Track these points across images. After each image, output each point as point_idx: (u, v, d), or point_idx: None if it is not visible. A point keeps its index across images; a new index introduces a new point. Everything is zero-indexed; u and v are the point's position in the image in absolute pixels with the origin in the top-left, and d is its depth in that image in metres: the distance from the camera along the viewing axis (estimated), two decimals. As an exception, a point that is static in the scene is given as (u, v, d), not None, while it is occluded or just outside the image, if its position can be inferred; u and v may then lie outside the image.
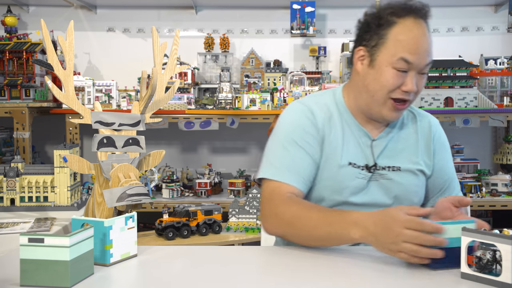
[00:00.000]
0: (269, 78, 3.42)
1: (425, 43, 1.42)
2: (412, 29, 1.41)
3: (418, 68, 1.41)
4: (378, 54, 1.44)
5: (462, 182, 3.12)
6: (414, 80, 1.41)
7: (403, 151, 1.53)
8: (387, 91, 1.43)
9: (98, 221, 1.23)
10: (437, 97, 3.11)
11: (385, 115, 1.46)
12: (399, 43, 1.41)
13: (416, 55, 1.40)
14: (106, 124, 1.53)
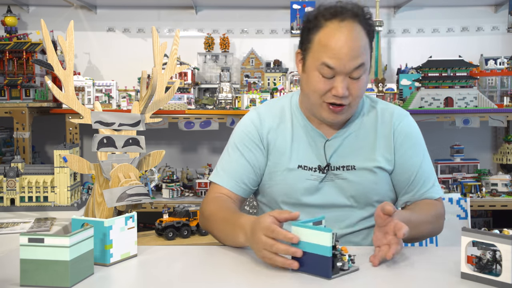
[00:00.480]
0: (269, 78, 3.43)
1: (348, 47, 1.37)
2: (335, 33, 1.38)
3: (344, 72, 1.38)
4: (307, 58, 1.45)
5: (462, 182, 3.12)
6: (343, 84, 1.39)
7: (359, 149, 1.51)
8: (318, 95, 1.43)
9: (98, 221, 1.23)
10: (437, 97, 3.11)
11: (325, 117, 1.47)
12: (321, 48, 1.39)
13: (338, 60, 1.37)
14: (106, 124, 1.53)
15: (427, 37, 3.64)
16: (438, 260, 1.27)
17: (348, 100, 1.42)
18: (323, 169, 1.50)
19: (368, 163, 1.50)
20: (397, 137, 1.53)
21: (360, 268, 1.19)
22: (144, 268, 1.22)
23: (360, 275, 1.15)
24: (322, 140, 1.52)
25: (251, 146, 1.56)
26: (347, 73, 1.39)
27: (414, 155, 1.54)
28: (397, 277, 1.15)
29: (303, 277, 1.13)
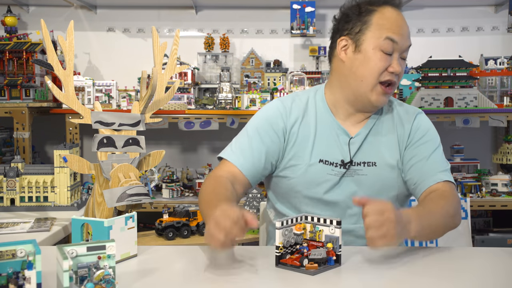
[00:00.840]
0: (269, 78, 3.42)
1: (405, 25, 1.52)
2: (392, 14, 1.52)
3: (402, 49, 1.49)
4: (363, 38, 1.50)
5: (462, 182, 3.12)
6: (398, 62, 1.49)
7: (380, 146, 1.55)
8: (377, 74, 1.48)
9: (98, 221, 1.23)
10: (437, 97, 3.11)
11: (374, 100, 1.50)
12: (383, 26, 1.49)
13: (400, 35, 1.49)
14: (106, 124, 1.53)
15: (427, 37, 3.63)
16: (437, 260, 1.27)
17: (397, 80, 1.51)
18: (345, 165, 1.52)
19: (389, 159, 1.54)
20: (413, 133, 1.57)
21: (344, 265, 1.19)
22: (144, 268, 1.22)
23: (344, 272, 1.15)
24: (346, 137, 1.55)
25: (272, 135, 1.56)
26: (402, 51, 1.50)
27: (427, 148, 1.55)
28: (385, 277, 1.15)
29: (304, 275, 1.13)
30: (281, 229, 1.17)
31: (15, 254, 0.91)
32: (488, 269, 1.22)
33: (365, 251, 1.33)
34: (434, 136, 1.59)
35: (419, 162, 1.53)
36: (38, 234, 1.75)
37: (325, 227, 1.20)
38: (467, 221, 2.98)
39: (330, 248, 1.18)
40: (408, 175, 1.54)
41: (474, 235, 3.08)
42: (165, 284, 1.12)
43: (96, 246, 0.96)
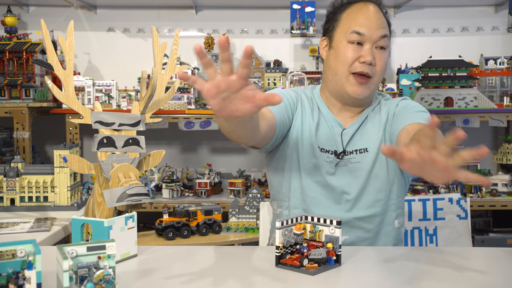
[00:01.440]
0: (269, 78, 3.42)
1: (375, 17, 1.53)
2: (362, 8, 1.55)
3: (372, 39, 1.51)
4: (334, 34, 1.57)
5: (462, 182, 3.12)
6: (371, 52, 1.51)
7: (371, 134, 1.59)
8: (347, 66, 1.52)
9: (98, 221, 1.23)
10: (437, 97, 3.11)
11: (350, 91, 1.54)
12: (350, 20, 1.54)
13: (366, 27, 1.51)
14: (106, 124, 1.53)
15: (427, 37, 3.64)
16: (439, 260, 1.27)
17: (373, 71, 1.53)
18: (338, 155, 1.57)
19: (379, 144, 1.58)
20: (398, 110, 1.59)
21: (344, 265, 1.19)
22: (144, 268, 1.22)
23: (344, 272, 1.15)
24: (340, 128, 1.60)
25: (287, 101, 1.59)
26: (374, 41, 1.52)
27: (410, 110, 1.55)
28: (386, 277, 1.15)
29: (304, 275, 1.13)
30: (281, 229, 1.17)
31: (15, 254, 0.91)
32: (488, 269, 1.22)
33: (365, 251, 1.33)
34: (419, 106, 1.59)
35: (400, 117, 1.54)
36: (38, 234, 1.75)
37: (325, 227, 1.20)
38: (467, 221, 2.98)
39: (330, 248, 1.18)
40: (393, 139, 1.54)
41: (474, 235, 3.08)
42: (165, 284, 1.12)
43: (96, 246, 0.96)
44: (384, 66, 1.55)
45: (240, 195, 3.12)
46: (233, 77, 0.92)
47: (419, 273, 1.17)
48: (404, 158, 0.88)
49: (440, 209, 2.92)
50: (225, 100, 0.94)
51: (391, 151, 0.88)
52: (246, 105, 0.95)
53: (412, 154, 0.87)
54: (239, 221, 2.58)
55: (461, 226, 2.92)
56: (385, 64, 1.56)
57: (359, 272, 1.17)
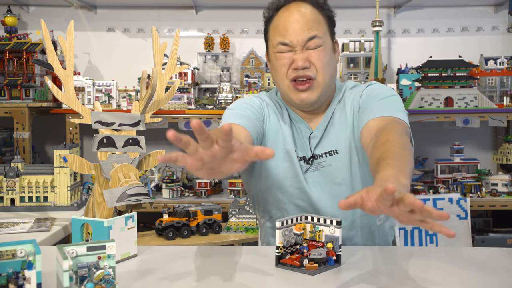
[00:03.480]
0: (269, 78, 3.42)
1: (297, 21, 1.45)
2: (283, 14, 1.47)
3: (299, 44, 1.45)
4: (268, 48, 1.54)
5: (462, 182, 3.12)
6: (301, 56, 1.44)
7: (339, 133, 1.52)
8: (284, 75, 1.47)
9: (98, 221, 1.23)
10: (437, 97, 3.11)
11: (295, 99, 1.49)
12: (275, 31, 1.49)
13: (289, 35, 1.45)
14: (106, 124, 1.53)
15: (427, 37, 3.64)
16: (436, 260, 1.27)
17: (313, 71, 1.45)
18: (307, 160, 1.52)
19: (348, 143, 1.51)
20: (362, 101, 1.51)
21: (344, 265, 1.19)
22: (144, 268, 1.22)
23: (344, 272, 1.15)
24: (307, 131, 1.54)
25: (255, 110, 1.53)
26: (302, 45, 1.45)
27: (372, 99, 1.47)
28: (384, 276, 1.15)
29: (304, 274, 1.13)
30: (281, 229, 1.17)
31: (15, 254, 0.91)
32: (488, 269, 1.22)
33: (365, 251, 1.33)
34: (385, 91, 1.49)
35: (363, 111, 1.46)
36: (38, 234, 1.76)
37: (325, 227, 1.20)
38: (467, 221, 2.98)
39: (330, 248, 1.18)
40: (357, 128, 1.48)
41: (474, 235, 3.08)
42: (165, 284, 1.12)
43: (96, 246, 0.96)
44: (325, 63, 1.46)
45: (240, 195, 3.12)
46: (215, 147, 0.85)
47: (419, 273, 1.17)
48: (364, 207, 0.90)
49: (440, 209, 2.92)
50: (212, 168, 0.90)
51: (349, 204, 0.89)
52: (236, 165, 0.90)
53: (373, 204, 0.89)
54: (239, 221, 2.58)
55: (461, 226, 2.93)
56: (326, 61, 1.46)
57: (359, 272, 1.17)
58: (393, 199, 0.87)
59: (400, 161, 1.11)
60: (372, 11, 3.36)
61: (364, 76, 3.39)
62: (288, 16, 1.46)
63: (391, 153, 1.15)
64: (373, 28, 3.26)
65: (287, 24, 1.45)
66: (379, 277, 1.14)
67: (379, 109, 1.40)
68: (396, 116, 1.37)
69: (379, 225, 1.58)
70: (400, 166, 1.08)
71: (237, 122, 1.43)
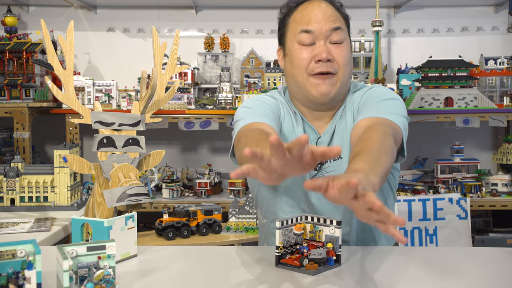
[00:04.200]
0: (269, 78, 3.42)
1: (321, 12, 1.43)
2: (306, 7, 1.45)
3: (322, 34, 1.42)
4: (286, 40, 1.49)
5: (462, 182, 3.12)
6: (325, 48, 1.41)
7: (344, 138, 1.49)
8: (304, 69, 1.43)
9: (98, 221, 1.23)
10: (437, 97, 3.11)
11: (315, 93, 1.44)
12: (297, 21, 1.45)
13: (313, 23, 1.42)
14: (106, 124, 1.53)
15: (427, 37, 3.64)
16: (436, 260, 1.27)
17: (335, 67, 1.42)
18: (315, 167, 1.48)
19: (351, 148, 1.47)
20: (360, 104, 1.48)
21: (344, 265, 1.19)
22: (144, 268, 1.22)
23: (344, 272, 1.15)
24: (315, 136, 1.52)
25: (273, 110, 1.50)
26: (326, 36, 1.42)
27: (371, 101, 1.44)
28: (385, 277, 1.15)
29: (303, 274, 1.13)
30: (281, 229, 1.17)
31: (15, 254, 0.91)
32: (488, 269, 1.22)
33: (365, 251, 1.33)
34: (384, 94, 1.46)
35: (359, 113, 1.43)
36: (38, 234, 1.76)
37: (325, 227, 1.20)
38: (467, 221, 2.97)
39: (330, 248, 1.18)
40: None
41: (474, 235, 3.08)
42: (165, 284, 1.12)
43: (96, 246, 0.96)
44: (346, 60, 1.43)
45: (240, 195, 3.12)
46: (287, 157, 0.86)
47: (418, 273, 1.17)
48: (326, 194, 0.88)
49: (440, 209, 2.92)
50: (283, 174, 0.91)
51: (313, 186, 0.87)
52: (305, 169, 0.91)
53: (334, 192, 0.87)
54: (239, 221, 2.58)
55: (461, 226, 2.93)
56: (347, 58, 1.43)
57: (359, 272, 1.17)
58: (355, 193, 0.87)
59: (375, 160, 1.11)
60: (372, 11, 3.36)
61: (364, 76, 3.39)
62: (312, 9, 1.44)
63: (370, 149, 1.16)
64: (373, 28, 3.26)
65: (311, 14, 1.43)
66: (379, 277, 1.14)
67: (373, 110, 1.38)
68: (389, 118, 1.35)
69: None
70: (374, 164, 1.09)
71: (264, 121, 1.41)
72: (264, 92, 3.18)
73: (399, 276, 1.15)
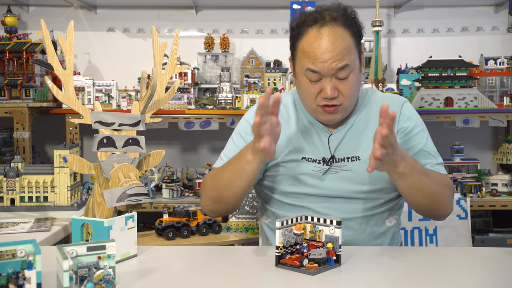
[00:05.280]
0: (269, 78, 3.42)
1: (329, 51, 1.42)
2: (315, 40, 1.43)
3: (329, 73, 1.43)
4: (295, 65, 1.53)
5: (462, 182, 3.12)
6: (331, 86, 1.43)
7: (362, 139, 1.55)
8: (311, 100, 1.49)
9: (98, 221, 1.23)
10: (437, 97, 3.11)
11: (322, 118, 1.52)
12: (304, 55, 1.46)
13: (320, 63, 1.42)
14: (106, 124, 1.53)
15: (427, 37, 3.64)
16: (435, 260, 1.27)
17: (340, 100, 1.47)
18: (327, 161, 1.53)
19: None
20: (401, 123, 1.56)
21: (344, 265, 1.19)
22: (144, 268, 1.22)
23: (344, 272, 1.15)
24: (326, 134, 1.56)
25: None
26: (332, 74, 1.44)
27: (419, 140, 1.56)
28: (384, 277, 1.15)
29: (304, 275, 1.13)
30: (281, 229, 1.17)
31: (15, 254, 0.91)
32: (488, 269, 1.22)
33: (365, 251, 1.33)
34: (423, 124, 1.60)
35: (416, 155, 1.53)
36: (38, 234, 1.76)
37: (325, 227, 1.20)
38: (467, 221, 2.97)
39: (330, 248, 1.18)
40: None
41: (474, 235, 3.08)
42: (165, 284, 1.12)
43: (96, 246, 0.96)
44: (352, 91, 1.47)
45: (240, 195, 3.12)
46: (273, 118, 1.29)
47: (418, 273, 1.17)
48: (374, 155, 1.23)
49: (440, 209, 2.91)
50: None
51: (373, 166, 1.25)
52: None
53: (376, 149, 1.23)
54: (239, 221, 2.58)
55: (461, 226, 2.92)
56: (353, 88, 1.47)
57: (359, 272, 1.17)
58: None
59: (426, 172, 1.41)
60: (372, 11, 3.36)
61: (364, 76, 3.38)
62: (319, 45, 1.42)
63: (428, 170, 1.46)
64: (373, 28, 3.26)
65: (317, 52, 1.42)
66: (379, 277, 1.14)
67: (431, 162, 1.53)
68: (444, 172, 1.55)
69: (389, 227, 1.58)
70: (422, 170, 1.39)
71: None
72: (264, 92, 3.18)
73: (399, 276, 1.15)
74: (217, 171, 1.53)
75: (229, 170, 1.46)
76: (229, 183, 1.46)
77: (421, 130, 1.57)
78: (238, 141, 1.61)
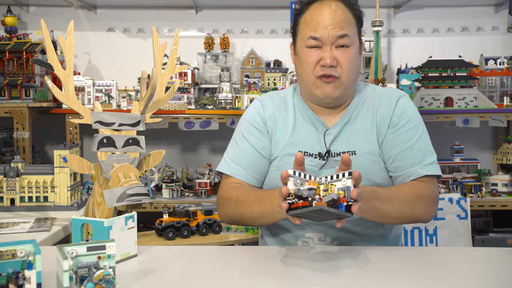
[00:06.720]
0: (269, 78, 3.42)
1: (330, 17, 1.48)
2: (316, 10, 1.50)
3: (329, 41, 1.48)
4: (296, 40, 1.57)
5: (462, 182, 3.12)
6: (330, 54, 1.47)
7: (359, 134, 1.55)
8: (311, 71, 1.51)
9: (98, 221, 1.23)
10: (437, 97, 3.11)
11: (319, 94, 1.52)
12: (306, 25, 1.51)
13: (320, 30, 1.48)
14: (106, 124, 1.53)
15: (427, 37, 3.64)
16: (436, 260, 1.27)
17: (338, 71, 1.49)
18: (323, 156, 1.53)
19: (368, 147, 1.53)
20: (395, 118, 1.55)
21: (344, 266, 1.19)
22: (144, 268, 1.22)
23: (344, 272, 1.15)
24: (323, 129, 1.56)
25: (256, 133, 1.61)
26: (332, 42, 1.48)
27: (411, 136, 1.53)
28: (384, 277, 1.15)
29: (303, 275, 1.13)
30: (293, 178, 1.15)
31: (15, 254, 0.91)
32: (488, 269, 1.22)
33: (365, 251, 1.33)
34: (418, 121, 1.57)
35: (403, 152, 1.51)
36: (38, 234, 1.75)
37: (337, 182, 1.17)
38: (467, 221, 2.97)
39: (342, 195, 1.14)
40: (390, 164, 1.52)
41: (474, 235, 3.08)
42: (165, 284, 1.12)
43: (96, 246, 0.96)
44: (350, 64, 1.50)
45: (240, 195, 3.12)
46: None
47: (418, 273, 1.17)
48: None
49: (440, 209, 2.92)
50: None
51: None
52: None
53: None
54: (239, 221, 2.58)
55: (461, 226, 2.93)
56: (352, 62, 1.50)
57: (358, 272, 1.17)
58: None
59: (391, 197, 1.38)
60: (372, 11, 3.36)
61: (364, 76, 3.39)
62: (321, 13, 1.48)
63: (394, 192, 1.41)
64: (373, 28, 3.26)
65: (319, 19, 1.48)
66: (379, 277, 1.14)
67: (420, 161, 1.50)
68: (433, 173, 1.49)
69: (389, 228, 1.58)
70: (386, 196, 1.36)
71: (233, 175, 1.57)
72: (264, 92, 3.19)
73: (399, 276, 1.15)
74: (243, 197, 1.48)
75: (259, 207, 1.41)
76: (255, 218, 1.44)
77: (414, 127, 1.55)
78: (242, 144, 1.61)
